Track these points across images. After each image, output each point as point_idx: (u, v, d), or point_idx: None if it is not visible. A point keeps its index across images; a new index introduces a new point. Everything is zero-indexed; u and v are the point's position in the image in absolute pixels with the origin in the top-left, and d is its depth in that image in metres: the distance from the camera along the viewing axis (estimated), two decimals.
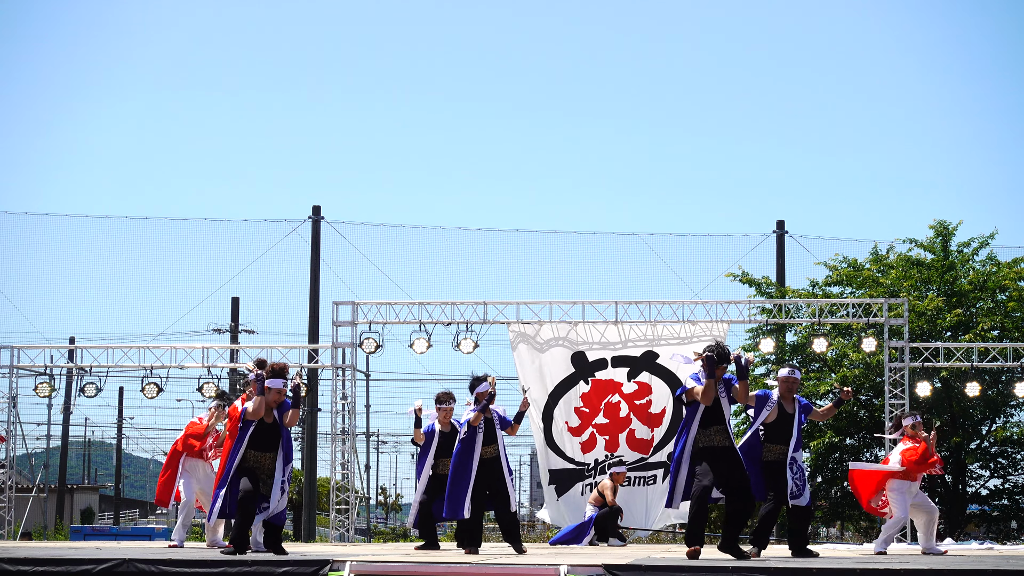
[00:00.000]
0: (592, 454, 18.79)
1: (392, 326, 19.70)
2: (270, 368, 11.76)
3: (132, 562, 10.33)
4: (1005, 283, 23.67)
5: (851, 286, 24.55)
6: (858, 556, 13.10)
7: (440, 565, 10.35)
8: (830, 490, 25.38)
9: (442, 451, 14.21)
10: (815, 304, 20.32)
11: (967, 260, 24.48)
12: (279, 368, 11.74)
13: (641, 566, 9.87)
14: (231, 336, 34.66)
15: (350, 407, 20.32)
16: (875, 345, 19.51)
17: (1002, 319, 23.66)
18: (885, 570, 9.63)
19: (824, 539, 28.42)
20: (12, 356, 20.56)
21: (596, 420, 18.87)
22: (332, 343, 19.90)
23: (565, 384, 18.96)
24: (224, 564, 10.33)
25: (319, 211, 29.25)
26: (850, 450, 24.25)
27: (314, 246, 29.13)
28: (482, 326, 19.43)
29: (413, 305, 19.73)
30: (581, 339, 19.09)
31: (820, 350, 20.01)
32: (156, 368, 20.03)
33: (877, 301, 19.78)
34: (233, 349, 21.80)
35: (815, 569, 9.79)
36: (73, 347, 21.80)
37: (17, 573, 10.21)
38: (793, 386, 12.11)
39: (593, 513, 16.92)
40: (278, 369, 11.74)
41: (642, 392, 18.87)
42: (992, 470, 25.10)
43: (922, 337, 22.80)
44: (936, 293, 23.79)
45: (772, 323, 20.80)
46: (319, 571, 10.05)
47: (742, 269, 25.42)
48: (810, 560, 11.18)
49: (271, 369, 11.73)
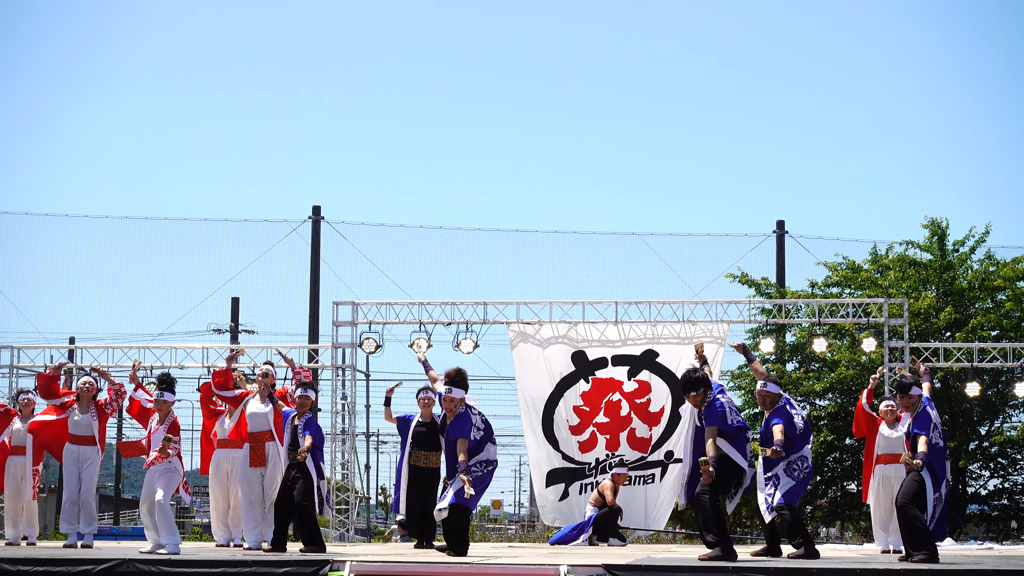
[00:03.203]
0: (592, 453, 18.77)
1: (392, 326, 19.69)
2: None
3: (132, 562, 10.33)
4: (999, 283, 23.68)
5: (850, 287, 24.56)
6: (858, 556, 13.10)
7: (440, 565, 10.36)
8: (828, 490, 25.39)
9: (418, 442, 14.33)
10: (814, 304, 20.33)
11: (964, 259, 24.50)
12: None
13: (641, 566, 9.89)
14: (231, 336, 34.67)
15: (350, 407, 20.32)
16: (875, 345, 19.51)
17: (999, 319, 23.67)
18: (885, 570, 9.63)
19: (824, 539, 28.40)
20: (12, 356, 20.57)
21: (596, 419, 18.86)
22: (332, 343, 19.89)
23: (565, 382, 18.94)
24: (224, 564, 10.34)
25: (319, 211, 29.25)
26: (849, 450, 24.24)
27: (314, 246, 29.14)
28: (482, 326, 19.42)
29: (413, 305, 19.72)
30: (581, 338, 19.08)
31: (820, 350, 20.01)
32: (156, 368, 20.02)
33: (877, 301, 19.78)
34: (233, 349, 21.78)
35: (815, 569, 9.80)
36: (73, 347, 21.81)
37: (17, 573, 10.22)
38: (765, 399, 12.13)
39: (593, 513, 16.92)
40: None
41: (642, 391, 18.85)
42: (992, 470, 25.11)
43: (918, 336, 22.80)
44: (934, 293, 23.82)
45: (772, 323, 20.80)
46: (319, 571, 10.06)
47: (741, 270, 25.45)
48: (810, 560, 11.21)
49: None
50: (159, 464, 12.48)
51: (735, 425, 11.38)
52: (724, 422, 11.32)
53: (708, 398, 11.37)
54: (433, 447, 14.36)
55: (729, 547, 10.97)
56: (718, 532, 11.03)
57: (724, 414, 11.35)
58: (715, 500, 11.24)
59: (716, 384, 11.63)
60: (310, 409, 12.75)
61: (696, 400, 11.41)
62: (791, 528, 11.96)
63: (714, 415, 11.29)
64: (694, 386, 11.41)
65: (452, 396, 11.87)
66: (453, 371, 12.00)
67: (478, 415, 11.95)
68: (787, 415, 11.81)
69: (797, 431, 11.81)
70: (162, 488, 12.41)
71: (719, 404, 11.35)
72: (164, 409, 12.82)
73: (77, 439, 14.01)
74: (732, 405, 11.54)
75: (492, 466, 11.97)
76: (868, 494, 15.05)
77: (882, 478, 14.69)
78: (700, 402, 11.40)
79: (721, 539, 11.00)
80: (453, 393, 11.87)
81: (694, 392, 11.40)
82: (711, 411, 11.31)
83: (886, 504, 14.60)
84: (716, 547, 10.97)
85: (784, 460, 11.80)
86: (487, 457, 11.91)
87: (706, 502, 11.16)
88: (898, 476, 14.21)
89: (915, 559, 10.61)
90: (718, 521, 11.10)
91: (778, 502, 11.76)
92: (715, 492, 11.25)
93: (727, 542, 11.00)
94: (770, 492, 11.83)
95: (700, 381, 11.43)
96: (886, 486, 14.61)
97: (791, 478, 11.79)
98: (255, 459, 13.49)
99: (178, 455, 12.70)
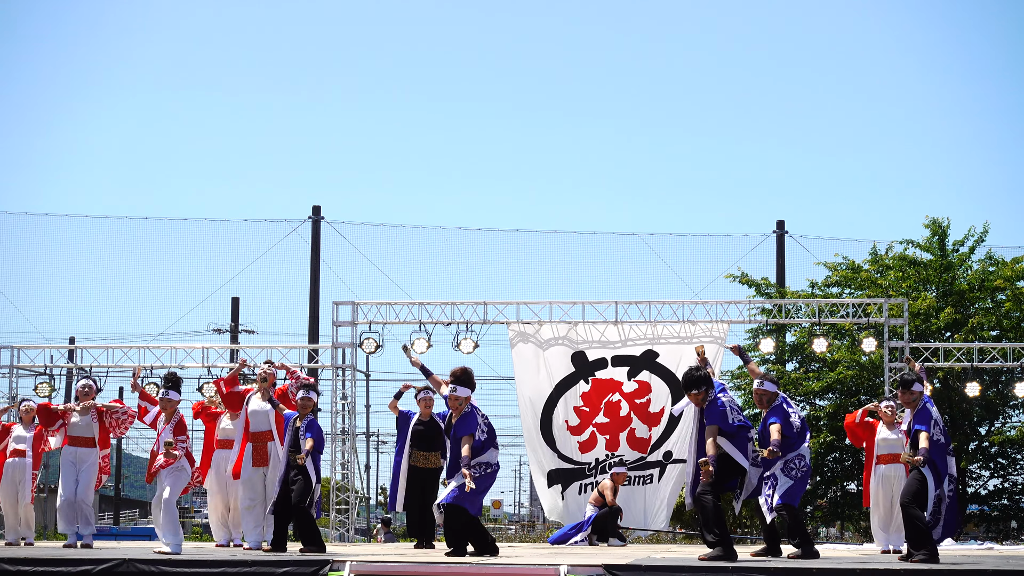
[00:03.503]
0: (592, 453, 18.77)
1: (392, 326, 19.69)
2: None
3: (132, 562, 10.33)
4: (998, 283, 23.68)
5: (850, 287, 24.56)
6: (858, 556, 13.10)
7: (440, 565, 10.36)
8: (828, 490, 25.39)
9: (417, 442, 14.34)
10: (814, 304, 20.33)
11: (964, 259, 24.50)
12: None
13: (641, 566, 9.89)
14: (231, 336, 34.67)
15: (350, 407, 20.32)
16: (875, 345, 19.51)
17: (999, 319, 23.67)
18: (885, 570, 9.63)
19: (824, 539, 28.40)
20: (12, 356, 20.56)
21: (596, 419, 18.86)
22: (332, 343, 19.89)
23: (565, 383, 18.94)
24: (224, 564, 10.35)
25: (319, 211, 29.25)
26: (849, 450, 24.24)
27: (314, 246, 29.14)
28: (482, 326, 19.42)
29: (413, 305, 19.73)
30: (581, 338, 19.08)
31: (820, 350, 20.01)
32: (156, 368, 20.02)
33: (876, 301, 19.78)
34: (233, 349, 21.79)
35: (815, 569, 9.80)
36: (73, 347, 21.80)
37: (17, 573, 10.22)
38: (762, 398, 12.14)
39: (593, 513, 16.92)
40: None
41: (642, 391, 18.85)
42: (992, 470, 25.11)
43: (918, 337, 22.81)
44: (934, 293, 23.82)
45: (772, 323, 20.80)
46: (319, 571, 10.06)
47: (741, 270, 25.45)
48: (810, 560, 11.21)
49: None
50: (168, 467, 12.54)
51: (736, 424, 11.38)
52: (725, 421, 11.32)
53: (709, 397, 11.37)
54: (433, 447, 14.36)
55: (729, 547, 10.97)
56: (719, 532, 11.04)
57: (725, 413, 11.35)
58: (716, 500, 11.25)
59: (718, 384, 11.63)
60: (312, 411, 12.75)
61: (697, 399, 11.41)
62: (791, 528, 11.97)
63: (715, 414, 11.30)
64: (696, 384, 11.41)
65: (458, 395, 11.83)
66: (459, 370, 11.96)
67: (483, 417, 11.93)
68: (784, 414, 11.82)
69: (794, 430, 11.82)
70: (169, 487, 12.46)
71: (720, 403, 11.36)
72: (170, 408, 12.84)
73: (76, 440, 13.98)
74: (734, 404, 11.53)
75: (492, 468, 11.91)
76: (868, 497, 15.09)
77: (882, 478, 14.76)
78: (701, 401, 11.40)
79: (721, 539, 11.00)
80: (459, 391, 11.83)
81: (695, 391, 11.41)
82: (712, 410, 11.31)
83: (885, 504, 14.72)
84: (716, 547, 10.98)
85: (781, 459, 11.81)
86: (488, 460, 11.86)
87: (707, 502, 11.17)
88: (898, 476, 14.24)
89: (915, 559, 10.62)
90: (718, 521, 11.11)
91: (777, 502, 11.76)
92: (716, 492, 11.26)
93: (727, 542, 11.01)
94: (769, 492, 11.83)
95: (702, 380, 11.43)
96: (885, 486, 14.69)
97: (789, 477, 11.79)
98: (258, 459, 13.49)
99: (186, 454, 12.74)
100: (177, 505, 13.05)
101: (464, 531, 11.84)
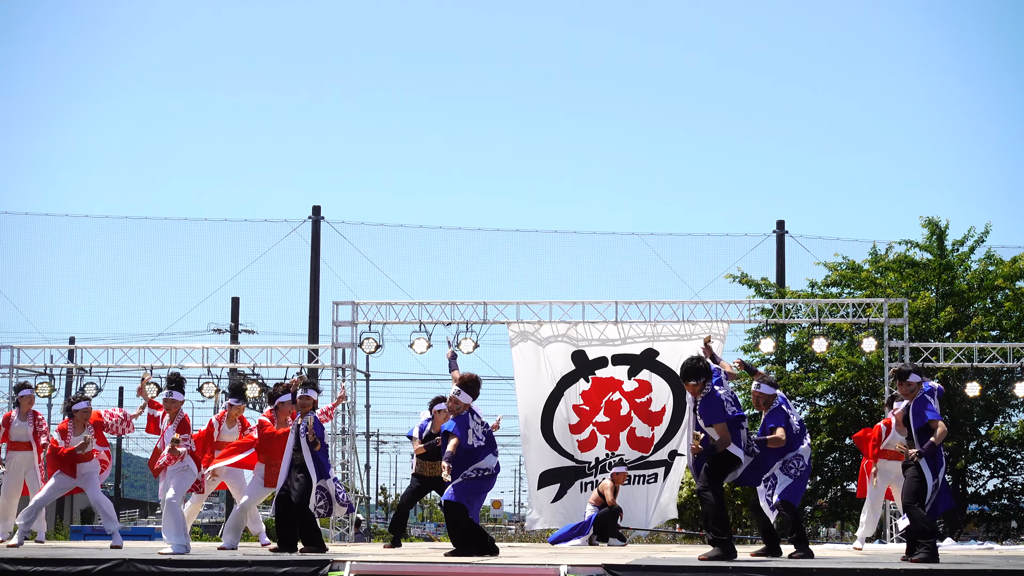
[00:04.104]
0: (592, 452, 18.76)
1: (392, 326, 19.69)
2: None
3: (132, 562, 10.34)
4: (998, 283, 23.69)
5: (850, 287, 24.57)
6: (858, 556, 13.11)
7: (440, 565, 10.37)
8: (828, 490, 25.40)
9: (426, 452, 14.64)
10: (814, 304, 20.33)
11: (963, 259, 24.51)
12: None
13: (641, 566, 9.90)
14: (231, 336, 34.66)
15: (350, 407, 20.31)
16: (874, 345, 19.51)
17: (999, 319, 23.68)
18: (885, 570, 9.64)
19: (824, 539, 28.41)
20: (12, 356, 20.56)
21: (596, 418, 18.85)
22: (332, 343, 19.89)
23: (565, 382, 18.94)
24: (224, 564, 10.35)
25: (319, 211, 29.26)
26: (849, 450, 24.25)
27: (314, 246, 29.15)
28: (482, 326, 19.42)
29: (413, 305, 19.72)
30: (581, 337, 19.08)
31: (819, 350, 20.01)
32: (156, 368, 20.02)
33: (876, 301, 19.78)
34: (233, 349, 21.80)
35: (815, 569, 9.81)
36: (73, 347, 21.80)
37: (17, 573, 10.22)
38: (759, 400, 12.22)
39: (593, 513, 16.91)
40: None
41: (643, 390, 18.84)
42: (992, 470, 25.12)
43: (918, 337, 22.81)
44: (934, 293, 23.82)
45: (771, 323, 20.81)
46: (319, 571, 10.07)
47: (741, 270, 25.46)
48: (810, 560, 11.23)
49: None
50: (173, 464, 12.53)
51: (732, 415, 11.39)
52: (725, 414, 11.36)
53: (707, 389, 11.34)
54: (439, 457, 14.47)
55: (729, 547, 10.98)
56: (720, 531, 11.05)
57: (724, 405, 11.39)
58: (719, 497, 11.23)
59: (715, 375, 11.58)
60: (312, 409, 12.75)
61: (695, 389, 11.35)
62: (789, 525, 12.01)
63: (716, 407, 11.24)
64: (695, 375, 11.34)
65: (459, 399, 12.01)
66: (468, 376, 12.15)
67: (481, 424, 12.04)
68: (784, 416, 11.92)
69: (793, 431, 11.91)
70: (173, 487, 12.47)
71: (718, 395, 11.32)
72: (173, 408, 12.85)
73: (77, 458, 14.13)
74: (730, 395, 11.55)
75: (490, 472, 12.00)
76: (863, 488, 15.50)
77: (882, 472, 15.22)
78: (699, 391, 11.36)
79: (722, 538, 11.01)
80: (461, 396, 12.02)
81: (694, 381, 11.34)
82: (712, 403, 11.26)
83: (875, 495, 15.39)
84: (716, 546, 10.99)
85: (780, 459, 11.86)
86: (487, 465, 11.96)
87: (709, 499, 11.17)
88: (897, 473, 14.31)
89: (915, 558, 10.64)
90: (719, 519, 11.10)
91: (777, 500, 11.81)
92: (716, 488, 11.25)
93: (727, 542, 11.01)
94: (768, 492, 11.86)
95: (702, 371, 11.36)
96: (884, 478, 15.21)
97: (788, 476, 11.84)
98: (270, 479, 13.45)
99: (190, 453, 12.74)
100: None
101: (465, 528, 11.91)
